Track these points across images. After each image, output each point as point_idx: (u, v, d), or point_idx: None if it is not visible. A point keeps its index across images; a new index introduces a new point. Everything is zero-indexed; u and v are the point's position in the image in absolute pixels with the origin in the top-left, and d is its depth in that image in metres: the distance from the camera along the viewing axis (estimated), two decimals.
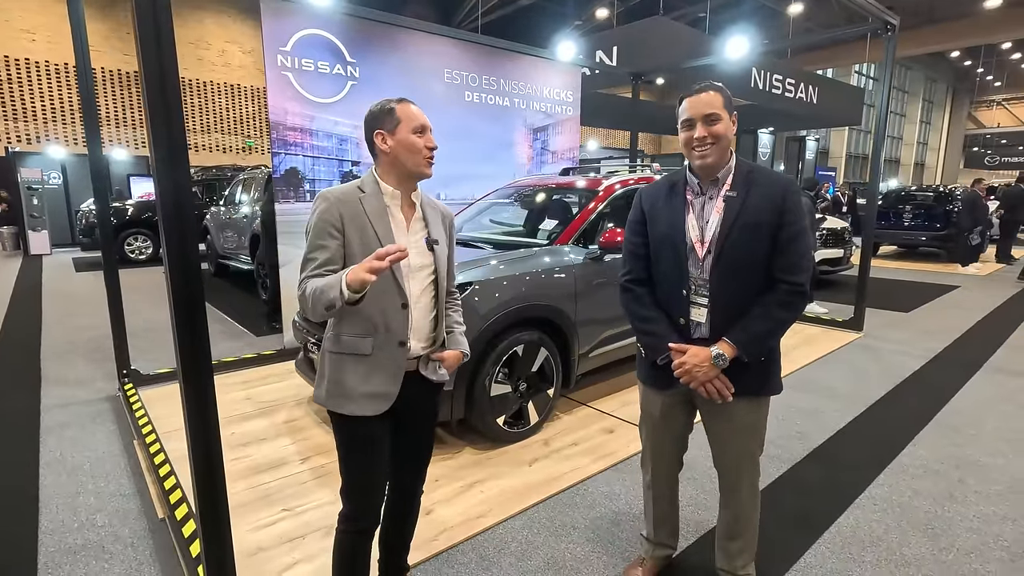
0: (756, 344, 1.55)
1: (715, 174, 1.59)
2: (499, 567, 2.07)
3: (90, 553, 2.15)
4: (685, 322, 1.64)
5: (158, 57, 1.41)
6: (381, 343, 1.49)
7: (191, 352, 1.51)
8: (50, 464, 2.84)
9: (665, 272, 1.67)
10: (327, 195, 1.48)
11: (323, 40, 4.31)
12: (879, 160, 5.06)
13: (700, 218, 1.61)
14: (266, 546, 2.16)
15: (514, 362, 2.98)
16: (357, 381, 1.49)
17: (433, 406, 1.71)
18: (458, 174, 5.30)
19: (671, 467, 1.89)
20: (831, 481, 2.70)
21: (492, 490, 2.58)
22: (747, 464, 1.72)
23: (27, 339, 5.18)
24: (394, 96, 1.54)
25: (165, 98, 1.43)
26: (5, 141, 14.73)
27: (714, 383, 1.57)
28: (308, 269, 1.44)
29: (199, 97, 17.63)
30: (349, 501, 1.58)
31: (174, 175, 1.42)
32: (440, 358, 1.62)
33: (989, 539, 2.25)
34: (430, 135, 1.54)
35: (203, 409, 1.53)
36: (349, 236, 1.46)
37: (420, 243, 1.57)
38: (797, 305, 1.55)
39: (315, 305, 1.38)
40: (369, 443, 1.54)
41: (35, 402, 3.64)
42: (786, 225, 1.52)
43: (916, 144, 36.42)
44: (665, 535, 1.98)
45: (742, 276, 1.56)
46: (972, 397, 3.78)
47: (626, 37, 9.61)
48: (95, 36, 15.61)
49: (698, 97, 1.56)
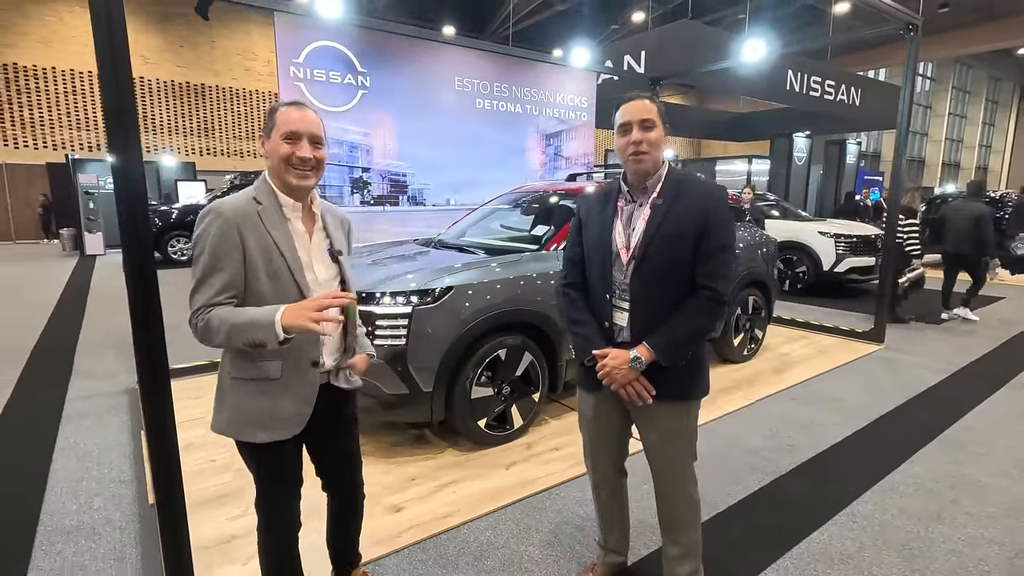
0: (674, 349, 1.57)
1: (645, 182, 1.62)
2: (456, 566, 2.12)
3: (82, 534, 2.31)
4: (609, 325, 1.67)
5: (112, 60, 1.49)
6: (292, 365, 1.43)
7: (147, 350, 1.62)
8: (63, 450, 3.05)
9: (593, 277, 1.71)
10: (220, 209, 1.36)
11: (334, 51, 4.48)
12: (900, 169, 4.86)
13: (627, 226, 1.64)
14: (238, 535, 2.27)
15: (497, 366, 3.02)
16: (266, 406, 1.42)
17: (350, 412, 1.70)
18: (468, 180, 5.39)
19: (609, 470, 1.89)
20: (813, 496, 2.62)
21: (464, 491, 2.62)
22: (677, 471, 1.72)
23: (67, 333, 5.55)
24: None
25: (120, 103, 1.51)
26: (68, 148, 15.79)
27: (633, 385, 1.60)
28: (204, 296, 1.33)
29: (245, 106, 18.40)
30: (266, 518, 1.58)
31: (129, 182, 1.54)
32: (351, 365, 1.60)
33: (969, 563, 2.15)
34: (305, 144, 1.41)
35: (160, 403, 1.65)
36: (251, 255, 1.36)
37: (324, 255, 1.52)
38: (716, 313, 1.57)
39: (230, 339, 1.31)
40: (282, 467, 1.52)
41: (62, 393, 3.91)
42: (710, 235, 1.54)
43: (978, 147, 34.47)
44: (615, 541, 1.99)
45: (663, 282, 1.58)
46: (988, 414, 3.59)
47: (654, 42, 9.52)
48: (151, 49, 16.57)
49: (633, 104, 1.59)
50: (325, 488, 1.76)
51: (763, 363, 4.59)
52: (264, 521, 1.60)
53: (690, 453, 1.73)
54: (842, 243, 7.43)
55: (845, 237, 7.46)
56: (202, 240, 1.35)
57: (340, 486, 1.75)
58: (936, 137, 32.04)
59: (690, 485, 1.75)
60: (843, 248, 7.42)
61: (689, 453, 1.73)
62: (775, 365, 4.53)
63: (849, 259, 7.39)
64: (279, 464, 1.52)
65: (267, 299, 1.39)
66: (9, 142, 15.33)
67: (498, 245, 3.71)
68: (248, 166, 18.07)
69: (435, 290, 2.83)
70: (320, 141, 1.46)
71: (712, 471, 2.81)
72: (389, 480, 2.70)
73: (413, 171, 5.09)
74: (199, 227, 1.37)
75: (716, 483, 2.70)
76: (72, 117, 15.99)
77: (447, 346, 2.80)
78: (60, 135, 15.87)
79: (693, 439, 1.73)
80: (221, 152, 18.15)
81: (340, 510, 1.80)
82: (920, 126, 31.80)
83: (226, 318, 1.31)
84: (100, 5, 1.49)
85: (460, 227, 4.19)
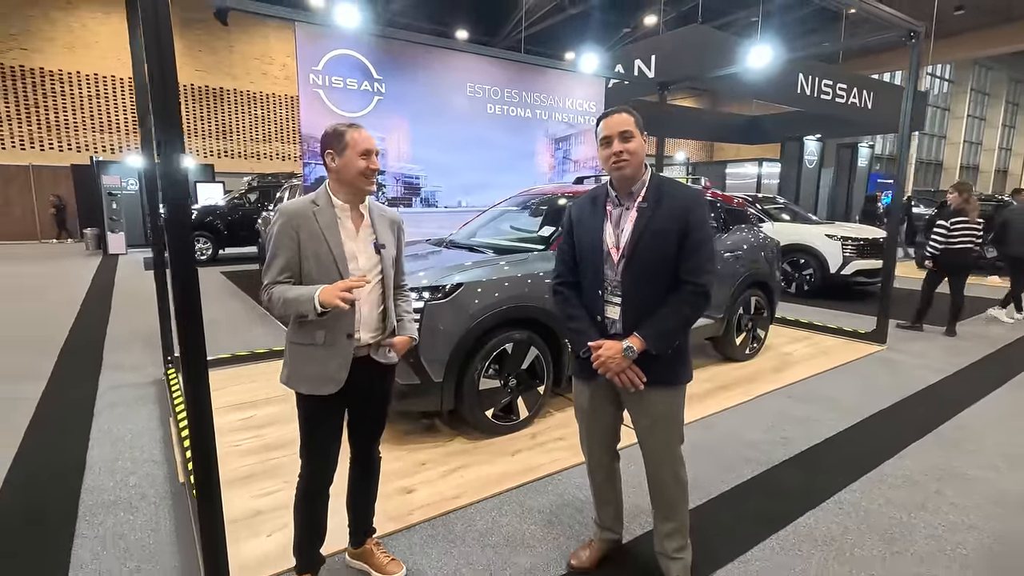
0: (662, 338, 1.73)
1: (631, 187, 1.80)
2: (463, 541, 2.28)
3: (120, 507, 2.51)
4: (602, 319, 1.83)
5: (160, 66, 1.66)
6: (331, 335, 1.74)
7: (191, 341, 1.80)
8: (98, 435, 3.27)
9: (586, 275, 1.87)
10: (283, 210, 1.74)
11: (352, 59, 4.68)
12: (904, 173, 4.95)
13: (616, 227, 1.81)
14: (263, 510, 2.46)
15: (504, 359, 3.19)
16: (311, 366, 1.75)
17: (385, 386, 1.96)
18: (479, 183, 5.57)
19: (603, 454, 2.05)
20: (803, 486, 2.75)
21: (471, 475, 2.79)
22: (667, 454, 1.88)
23: (95, 329, 5.82)
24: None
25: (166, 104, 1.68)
26: (91, 151, 16.25)
27: (627, 373, 1.76)
28: (270, 274, 1.71)
29: (262, 109, 18.78)
30: (305, 462, 1.86)
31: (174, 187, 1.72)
32: (390, 344, 1.87)
33: (948, 547, 2.27)
34: (375, 158, 1.76)
35: (199, 388, 1.83)
36: (303, 245, 1.71)
37: (368, 247, 1.81)
38: (700, 304, 1.73)
39: (284, 310, 1.70)
40: (320, 417, 1.82)
41: (94, 384, 4.14)
42: (691, 232, 1.71)
43: (998, 149, 34.01)
44: (609, 519, 2.14)
45: (651, 278, 1.74)
46: (983, 412, 3.68)
47: (665, 46, 9.64)
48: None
49: (613, 118, 1.77)
50: (351, 451, 1.99)
51: (765, 362, 4.71)
52: (305, 468, 1.87)
53: (678, 436, 1.89)
54: (849, 246, 7.50)
55: (852, 240, 7.52)
56: (271, 234, 1.74)
57: (362, 448, 2.00)
58: (954, 140, 31.64)
59: (678, 465, 1.90)
60: (850, 251, 7.48)
61: (678, 436, 1.88)
62: (776, 364, 4.65)
63: (856, 262, 7.45)
64: (320, 415, 1.81)
65: (314, 280, 1.71)
66: (35, 144, 15.82)
67: (507, 245, 3.88)
68: (265, 168, 18.45)
69: (446, 287, 3.01)
70: (377, 154, 1.80)
71: (708, 461, 2.95)
72: (401, 465, 2.88)
73: (426, 174, 5.28)
74: (271, 224, 1.75)
75: (711, 472, 2.84)
76: (95, 120, 16.46)
77: (457, 339, 2.98)
78: (84, 137, 16.34)
79: (680, 422, 1.88)
80: (239, 154, 18.54)
81: (359, 473, 2.02)
82: (938, 128, 31.44)
83: (283, 293, 1.68)
84: (150, 21, 1.66)
85: (471, 228, 4.36)
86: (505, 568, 2.12)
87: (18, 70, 15.36)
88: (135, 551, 2.20)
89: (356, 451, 2.00)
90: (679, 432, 1.89)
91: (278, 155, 19.27)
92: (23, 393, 3.91)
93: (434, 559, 2.17)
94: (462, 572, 2.09)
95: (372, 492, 2.07)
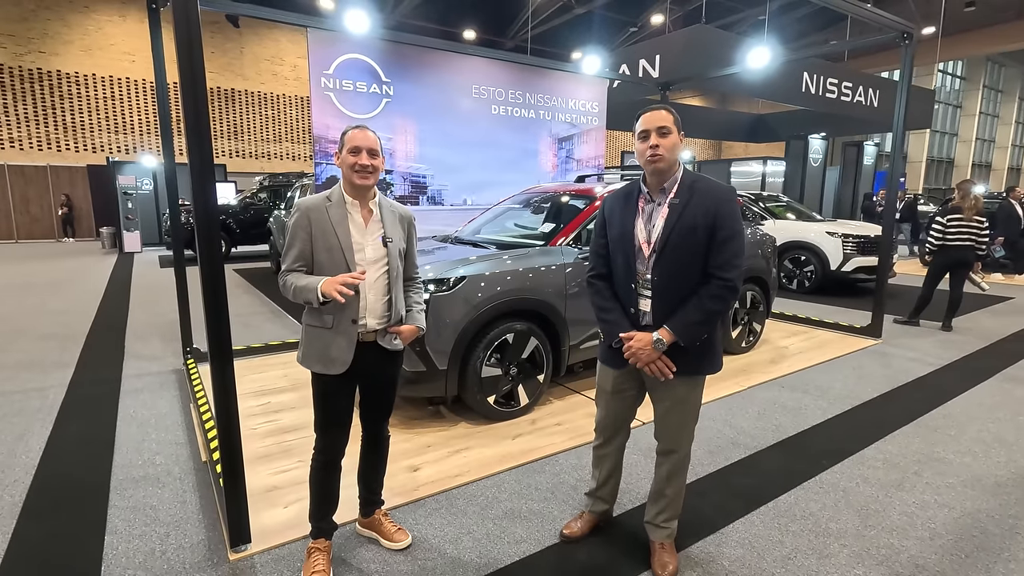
0: (691, 331, 1.84)
1: (663, 183, 1.89)
2: (464, 514, 2.46)
3: (148, 482, 2.72)
4: (635, 311, 1.95)
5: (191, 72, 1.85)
6: (339, 320, 1.91)
7: (218, 333, 2.00)
8: (125, 419, 3.48)
9: (619, 268, 1.98)
10: (300, 204, 1.92)
11: (361, 63, 4.88)
12: (896, 171, 5.07)
13: (648, 222, 1.91)
14: (280, 486, 2.65)
15: (505, 348, 3.36)
16: (321, 347, 1.93)
17: (392, 370, 2.12)
18: (484, 181, 5.75)
19: (619, 435, 2.21)
20: (787, 468, 2.90)
21: (473, 456, 2.97)
22: (684, 433, 2.03)
23: (116, 322, 6.06)
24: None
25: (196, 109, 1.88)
26: (107, 151, 16.60)
27: (656, 364, 1.88)
28: (286, 262, 1.91)
29: (273, 109, 19.07)
30: (319, 436, 2.04)
31: (205, 188, 1.92)
32: (397, 331, 2.02)
33: (919, 522, 2.42)
34: (364, 155, 1.88)
35: (225, 378, 2.03)
36: (316, 236, 1.89)
37: (376, 241, 1.97)
38: (727, 298, 1.83)
39: (296, 296, 1.88)
40: (331, 394, 1.99)
41: (119, 372, 4.37)
42: (720, 228, 1.80)
43: (1011, 147, 33.71)
44: (606, 493, 2.30)
45: (681, 272, 1.85)
46: (968, 403, 3.81)
47: (669, 47, 9.75)
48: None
49: (652, 113, 1.86)
50: (363, 429, 2.18)
51: (760, 354, 4.85)
52: (319, 442, 2.05)
53: (695, 416, 2.04)
54: (849, 243, 7.60)
55: (853, 237, 7.63)
56: (289, 225, 1.92)
57: (372, 427, 2.17)
58: (966, 137, 31.41)
59: (688, 444, 2.06)
60: (850, 248, 7.59)
61: (694, 416, 2.03)
62: (771, 356, 4.79)
63: (856, 259, 7.55)
64: (330, 393, 1.99)
65: (325, 268, 1.89)
66: (53, 145, 16.20)
67: (509, 241, 4.05)
68: (276, 168, 18.75)
69: (450, 279, 3.19)
70: (377, 153, 1.92)
71: (696, 445, 3.05)
72: (408, 447, 3.06)
73: (433, 173, 5.47)
74: (289, 217, 1.95)
75: (698, 455, 2.99)
76: (111, 121, 16.82)
77: (460, 329, 3.16)
78: (99, 138, 16.70)
79: (698, 406, 2.03)
80: (250, 154, 18.84)
81: (369, 449, 2.21)
82: (949, 126, 31.23)
83: (295, 281, 1.88)
84: (182, 31, 1.84)
85: (476, 225, 4.54)
86: (503, 536, 2.29)
87: (36, 73, 15.73)
88: (164, 519, 2.40)
89: (367, 429, 2.17)
90: (695, 414, 2.03)
91: (288, 155, 19.56)
92: (52, 380, 4.15)
93: (437, 528, 2.35)
94: (463, 540, 2.27)
95: (381, 468, 2.25)
